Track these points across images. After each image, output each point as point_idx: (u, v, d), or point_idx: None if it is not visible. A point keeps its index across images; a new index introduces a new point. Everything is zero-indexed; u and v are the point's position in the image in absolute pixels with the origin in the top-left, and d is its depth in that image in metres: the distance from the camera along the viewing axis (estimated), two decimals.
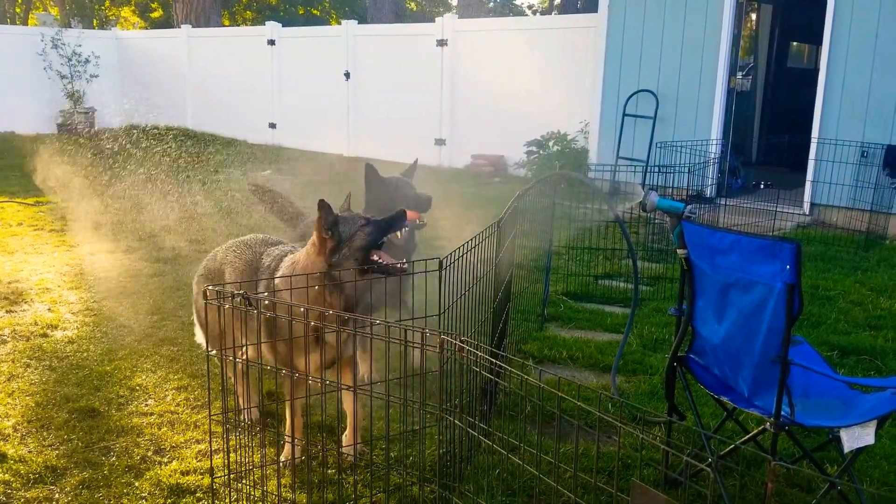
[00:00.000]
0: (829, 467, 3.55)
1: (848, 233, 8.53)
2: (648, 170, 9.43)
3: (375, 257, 3.50)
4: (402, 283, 4.22)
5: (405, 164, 4.75)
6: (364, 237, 3.46)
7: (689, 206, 3.48)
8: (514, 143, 12.06)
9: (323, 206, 3.42)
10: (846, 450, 2.85)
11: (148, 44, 19.62)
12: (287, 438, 3.57)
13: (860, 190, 8.59)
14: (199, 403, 4.29)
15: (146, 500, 3.36)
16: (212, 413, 3.52)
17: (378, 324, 2.93)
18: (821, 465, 3.49)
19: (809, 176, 9.21)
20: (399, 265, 3.52)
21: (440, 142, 13.81)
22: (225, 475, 3.28)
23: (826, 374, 3.26)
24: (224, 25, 24.94)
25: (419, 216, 4.48)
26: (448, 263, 3.08)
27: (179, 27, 19.25)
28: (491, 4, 27.72)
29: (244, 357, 3.54)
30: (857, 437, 2.81)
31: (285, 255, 3.75)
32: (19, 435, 3.90)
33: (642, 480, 2.29)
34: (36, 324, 5.47)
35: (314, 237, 3.51)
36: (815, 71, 9.64)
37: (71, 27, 21.37)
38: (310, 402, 3.75)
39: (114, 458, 3.70)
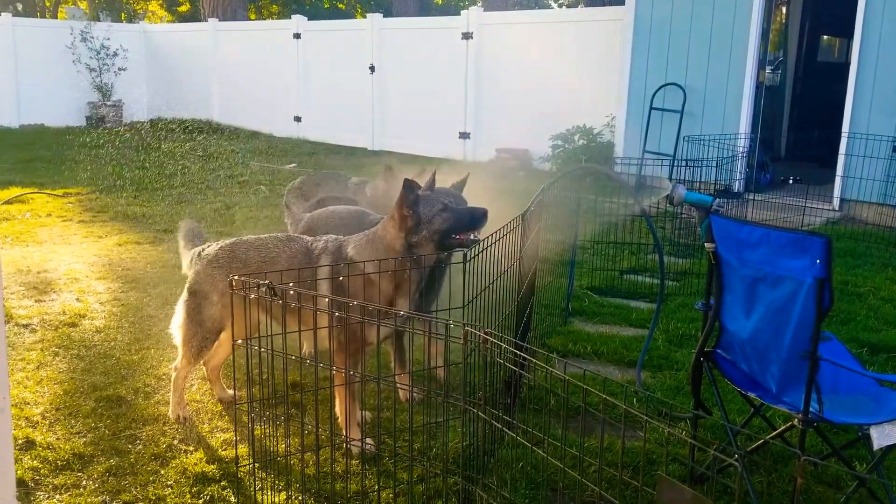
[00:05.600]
0: (859, 465, 3.50)
1: (879, 229, 8.40)
2: (675, 164, 9.35)
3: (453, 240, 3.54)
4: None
5: (429, 157, 4.75)
6: (442, 222, 3.49)
7: (717, 200, 3.44)
8: (540, 136, 12.00)
9: (407, 185, 3.46)
10: (876, 447, 2.81)
11: (175, 37, 19.79)
12: (342, 432, 3.60)
13: (891, 185, 8.46)
14: None
15: (172, 488, 3.39)
16: (237, 402, 3.55)
17: (402, 314, 2.93)
18: (850, 462, 3.45)
19: (839, 171, 9.10)
20: (473, 237, 3.55)
21: (465, 135, 13.78)
22: (249, 464, 3.30)
23: (856, 371, 3.21)
24: (250, 19, 25.07)
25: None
26: (472, 256, 3.07)
27: (206, 21, 19.38)
28: None
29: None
30: (887, 435, 2.77)
31: (337, 240, 3.79)
32: (47, 422, 3.95)
33: (668, 475, 2.27)
34: (64, 313, 5.54)
35: (394, 212, 3.54)
36: (846, 65, 9.50)
37: (99, 20, 21.60)
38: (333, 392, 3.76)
39: (140, 446, 3.74)
